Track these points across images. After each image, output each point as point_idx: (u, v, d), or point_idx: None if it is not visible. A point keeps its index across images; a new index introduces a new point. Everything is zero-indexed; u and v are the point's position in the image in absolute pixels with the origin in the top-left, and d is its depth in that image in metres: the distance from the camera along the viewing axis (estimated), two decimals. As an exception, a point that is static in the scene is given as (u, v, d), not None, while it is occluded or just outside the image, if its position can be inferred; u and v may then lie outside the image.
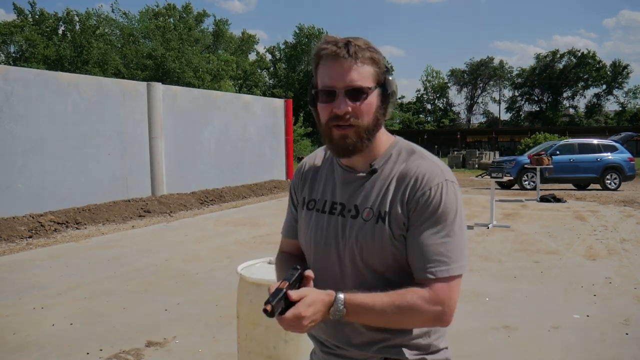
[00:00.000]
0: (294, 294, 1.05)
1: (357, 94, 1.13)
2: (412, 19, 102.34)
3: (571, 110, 57.90)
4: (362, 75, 1.12)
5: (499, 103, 61.28)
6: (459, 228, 1.14)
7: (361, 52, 1.12)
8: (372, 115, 1.15)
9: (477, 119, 62.68)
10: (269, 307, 1.03)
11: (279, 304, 1.05)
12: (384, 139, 1.23)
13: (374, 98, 1.15)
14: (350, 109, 1.13)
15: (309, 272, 1.13)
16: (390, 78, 1.18)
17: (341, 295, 1.08)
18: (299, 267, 1.13)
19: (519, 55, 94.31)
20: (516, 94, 59.59)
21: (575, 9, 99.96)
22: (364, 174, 1.21)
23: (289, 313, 1.03)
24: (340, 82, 1.12)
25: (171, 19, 36.63)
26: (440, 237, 1.12)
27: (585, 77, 54.71)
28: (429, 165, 1.17)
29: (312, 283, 1.12)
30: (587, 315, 4.00)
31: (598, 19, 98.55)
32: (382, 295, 1.09)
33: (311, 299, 1.05)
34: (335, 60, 1.12)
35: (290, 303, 1.05)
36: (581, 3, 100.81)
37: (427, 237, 1.12)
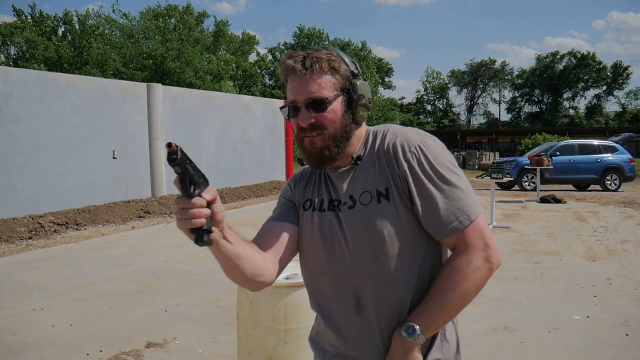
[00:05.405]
0: None
1: (318, 104, 1.17)
2: (412, 19, 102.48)
3: (571, 111, 57.92)
4: (321, 85, 1.16)
5: (499, 104, 61.32)
6: (455, 175, 1.17)
7: (319, 64, 1.16)
8: (337, 122, 1.18)
9: (477, 120, 62.74)
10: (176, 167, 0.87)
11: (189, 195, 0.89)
12: (362, 135, 1.26)
13: (337, 105, 1.18)
14: (313, 120, 1.17)
15: (214, 195, 0.97)
16: (358, 82, 1.20)
17: (410, 324, 1.15)
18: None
19: (512, 57, 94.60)
20: (516, 94, 59.59)
21: (565, 10, 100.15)
22: (350, 166, 1.24)
23: None
24: (301, 96, 1.17)
25: (172, 20, 36.60)
26: (446, 188, 1.15)
27: (585, 78, 54.72)
28: (405, 131, 1.22)
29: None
30: (587, 316, 4.00)
31: (588, 21, 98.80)
32: (433, 296, 1.16)
33: None
34: (294, 75, 1.17)
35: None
36: (569, 4, 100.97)
37: (434, 194, 1.14)
